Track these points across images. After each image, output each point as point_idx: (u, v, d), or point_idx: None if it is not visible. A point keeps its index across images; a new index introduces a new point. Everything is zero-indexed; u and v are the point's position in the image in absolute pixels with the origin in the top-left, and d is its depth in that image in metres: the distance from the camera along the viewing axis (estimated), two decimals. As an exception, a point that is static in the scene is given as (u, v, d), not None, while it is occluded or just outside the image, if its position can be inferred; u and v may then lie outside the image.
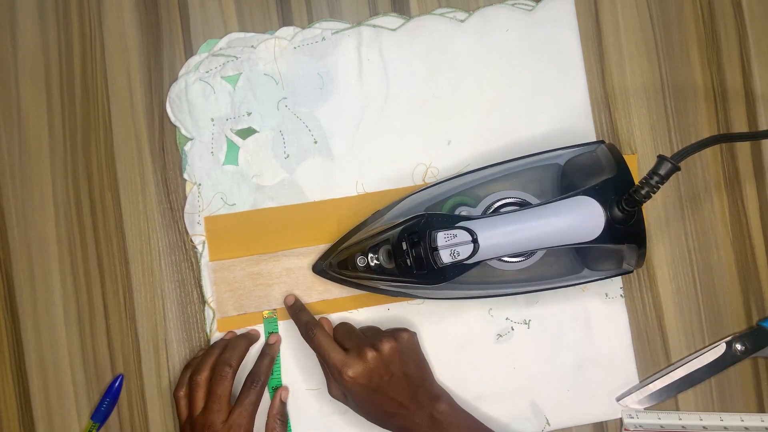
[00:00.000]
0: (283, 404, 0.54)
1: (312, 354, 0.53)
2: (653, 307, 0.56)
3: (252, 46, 0.56)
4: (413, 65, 0.56)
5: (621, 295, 0.55)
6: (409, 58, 0.56)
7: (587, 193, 0.46)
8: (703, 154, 0.56)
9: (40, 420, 0.54)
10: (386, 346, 0.49)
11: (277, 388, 0.54)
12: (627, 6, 0.57)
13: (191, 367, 0.52)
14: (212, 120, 0.55)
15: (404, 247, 0.47)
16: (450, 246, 0.45)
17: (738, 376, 0.55)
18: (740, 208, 0.56)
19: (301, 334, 0.52)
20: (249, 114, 0.55)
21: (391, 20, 0.56)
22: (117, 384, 0.54)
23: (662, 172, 0.42)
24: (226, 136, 0.55)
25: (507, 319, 0.55)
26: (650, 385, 0.55)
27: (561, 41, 0.57)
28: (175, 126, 0.55)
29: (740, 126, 0.57)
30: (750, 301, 0.56)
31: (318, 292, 0.55)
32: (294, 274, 0.55)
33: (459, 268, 0.46)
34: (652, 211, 0.56)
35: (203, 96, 0.55)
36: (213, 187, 0.55)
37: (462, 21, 0.56)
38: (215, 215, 0.55)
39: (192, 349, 0.55)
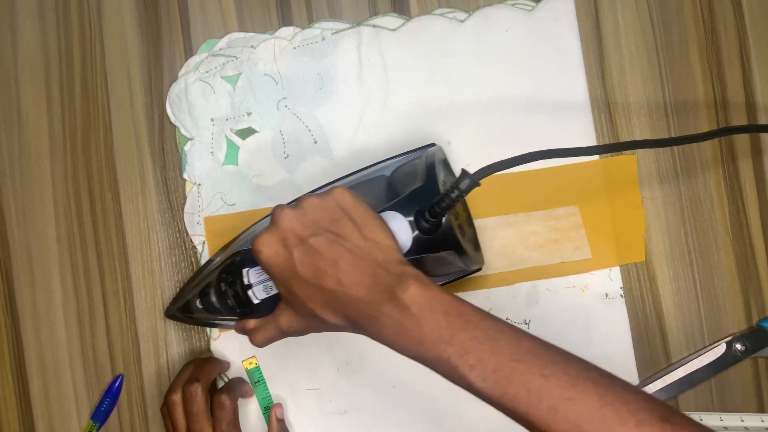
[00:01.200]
0: (281, 422, 0.53)
1: (312, 354, 0.53)
2: (653, 307, 0.56)
3: (252, 46, 0.56)
4: (413, 65, 0.56)
5: (621, 295, 0.55)
6: (409, 58, 0.56)
7: (396, 206, 0.44)
8: (702, 154, 0.56)
9: (39, 420, 0.54)
10: (304, 202, 0.41)
11: (270, 408, 0.54)
12: (627, 6, 0.57)
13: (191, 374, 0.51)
14: (212, 120, 0.55)
15: (223, 288, 0.47)
16: (262, 282, 0.45)
17: (738, 376, 0.55)
18: (740, 208, 0.56)
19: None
20: (249, 114, 0.55)
21: (391, 20, 0.56)
22: (117, 384, 0.54)
23: (463, 186, 0.41)
24: (226, 136, 0.55)
25: (507, 319, 0.55)
26: (650, 385, 0.55)
27: (561, 41, 0.57)
28: (174, 126, 0.55)
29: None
30: (750, 301, 0.56)
31: None
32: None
33: (277, 301, 0.44)
34: (652, 210, 0.56)
35: (203, 96, 0.55)
36: (213, 187, 0.55)
37: (462, 21, 0.56)
38: (215, 215, 0.55)
39: (192, 349, 0.55)
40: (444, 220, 0.44)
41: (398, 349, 0.39)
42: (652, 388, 0.54)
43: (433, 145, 0.51)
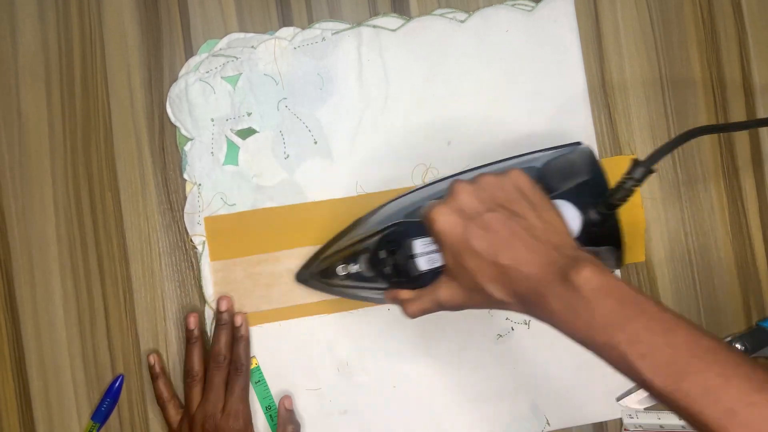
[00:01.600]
0: (290, 411, 0.53)
1: (312, 354, 0.53)
2: (653, 308, 0.56)
3: (252, 47, 0.56)
4: (413, 66, 0.56)
5: (621, 296, 0.55)
6: (409, 58, 0.56)
7: (563, 196, 0.45)
8: (702, 155, 0.57)
9: (40, 420, 0.54)
10: (481, 179, 0.41)
11: (270, 407, 0.54)
12: (627, 6, 0.57)
13: (161, 378, 0.53)
14: (212, 120, 0.55)
15: (382, 255, 0.47)
16: (427, 253, 0.45)
17: (737, 376, 0.55)
18: (740, 209, 0.56)
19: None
20: (249, 114, 0.55)
21: (391, 21, 0.56)
22: (117, 384, 0.54)
23: (636, 175, 0.42)
24: (226, 137, 0.55)
25: (507, 319, 0.56)
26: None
27: (561, 41, 0.57)
28: (175, 126, 0.55)
29: (740, 126, 0.57)
30: (749, 302, 0.56)
31: (319, 294, 0.55)
32: (294, 274, 0.55)
33: (437, 274, 0.45)
34: (652, 210, 0.56)
35: (203, 96, 0.55)
36: (213, 188, 0.55)
37: (462, 21, 0.56)
38: (215, 215, 0.55)
39: (192, 349, 0.55)
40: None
41: (566, 330, 0.38)
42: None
43: (579, 143, 0.51)
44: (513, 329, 0.55)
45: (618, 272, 0.56)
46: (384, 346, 0.55)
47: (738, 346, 0.54)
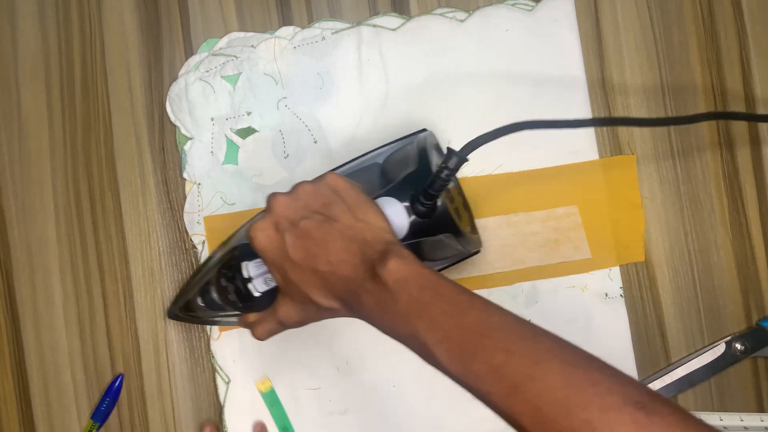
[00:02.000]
0: None
1: (312, 353, 0.53)
2: (653, 307, 0.56)
3: (252, 46, 0.56)
4: (413, 65, 0.56)
5: (621, 295, 0.55)
6: (408, 58, 0.56)
7: (392, 191, 0.45)
8: (702, 154, 0.56)
9: (40, 420, 0.54)
10: (297, 188, 0.41)
11: (288, 429, 0.54)
12: (627, 6, 0.57)
13: None
14: (212, 119, 0.55)
15: (223, 283, 0.46)
16: (261, 275, 0.44)
17: (737, 376, 0.55)
18: (740, 208, 0.56)
19: None
20: (249, 113, 0.55)
21: (391, 20, 0.56)
22: (117, 384, 0.54)
23: (451, 165, 0.41)
24: (226, 136, 0.55)
25: (507, 318, 0.55)
26: (650, 384, 0.55)
27: (561, 41, 0.57)
28: (175, 125, 0.55)
29: (740, 126, 0.57)
30: (750, 301, 0.56)
31: None
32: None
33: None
34: (652, 210, 0.56)
35: (203, 95, 0.55)
36: (213, 187, 0.55)
37: (462, 21, 0.56)
38: (215, 215, 0.55)
39: (192, 349, 0.55)
40: (439, 203, 0.45)
41: (379, 326, 0.38)
42: (652, 387, 0.54)
43: (424, 130, 0.51)
44: (513, 329, 0.55)
45: (617, 270, 0.55)
46: (384, 345, 0.55)
47: (738, 345, 0.54)
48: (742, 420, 0.54)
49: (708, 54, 0.57)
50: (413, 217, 0.44)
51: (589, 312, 0.55)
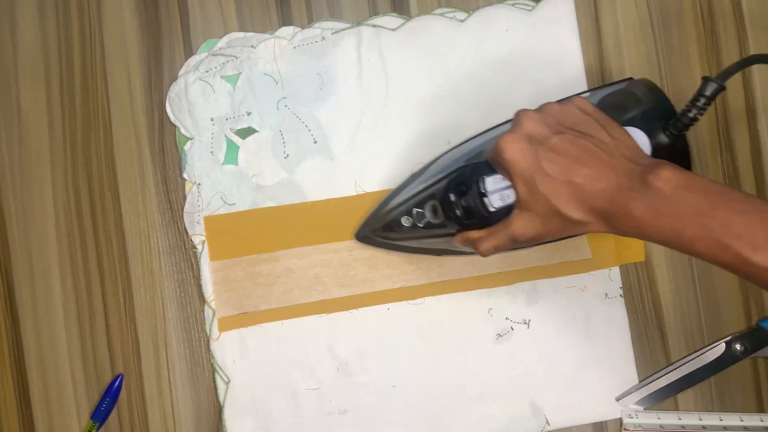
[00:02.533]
0: None
1: (311, 353, 0.53)
2: (653, 307, 0.56)
3: (252, 46, 0.56)
4: (413, 65, 0.56)
5: (620, 295, 0.55)
6: (408, 58, 0.56)
7: (631, 123, 0.45)
8: (702, 154, 0.57)
9: (39, 420, 0.54)
10: (546, 107, 0.43)
11: None
12: (626, 6, 0.57)
13: None
14: (212, 119, 0.55)
15: (452, 198, 0.46)
16: (500, 190, 0.44)
17: (737, 376, 0.55)
18: (740, 208, 0.56)
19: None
20: (249, 114, 0.55)
21: (391, 20, 0.56)
22: (117, 384, 0.54)
23: (708, 92, 0.42)
24: (226, 136, 0.55)
25: (507, 318, 0.55)
26: (650, 384, 0.55)
27: (561, 41, 0.57)
28: (174, 126, 0.55)
29: (740, 126, 0.57)
30: (749, 301, 0.56)
31: (318, 292, 0.55)
32: (294, 273, 0.55)
33: (509, 211, 0.44)
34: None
35: (203, 95, 0.55)
36: (213, 187, 0.55)
37: (462, 21, 0.56)
38: (215, 215, 0.55)
39: (192, 348, 0.55)
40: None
41: (652, 234, 0.38)
42: (652, 387, 0.54)
43: (631, 78, 0.51)
44: (513, 329, 0.55)
45: (617, 270, 0.55)
46: (384, 345, 0.55)
47: (738, 345, 0.54)
48: (742, 420, 0.54)
49: (708, 54, 0.57)
50: (653, 146, 0.44)
51: (589, 312, 0.55)
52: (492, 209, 0.44)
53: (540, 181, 0.40)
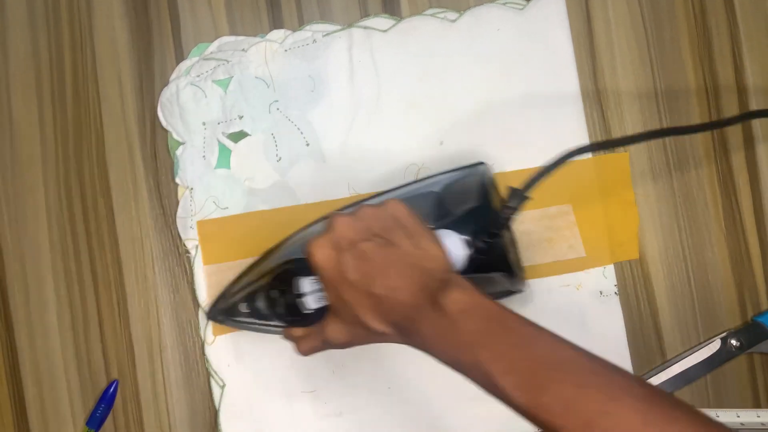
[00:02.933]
0: None
1: (305, 357, 0.53)
2: (648, 305, 0.56)
3: (243, 50, 0.56)
4: (404, 66, 0.56)
5: (615, 293, 0.55)
6: (400, 59, 0.56)
7: (453, 224, 0.45)
8: (695, 150, 0.56)
9: (35, 427, 0.54)
10: (359, 211, 0.42)
11: None
12: (618, 4, 0.57)
13: None
14: (204, 124, 0.55)
15: (273, 295, 0.47)
16: (315, 292, 0.44)
17: (733, 372, 0.55)
18: (734, 204, 0.56)
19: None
20: (240, 117, 0.55)
21: (382, 21, 0.56)
22: (112, 390, 0.54)
23: (513, 204, 0.42)
24: (218, 140, 0.55)
25: (502, 318, 0.55)
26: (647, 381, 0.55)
27: (552, 40, 0.57)
28: (166, 130, 0.55)
29: (734, 128, 0.56)
30: (744, 297, 0.56)
31: None
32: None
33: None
34: (645, 207, 0.56)
35: (194, 100, 0.55)
36: (205, 191, 0.55)
37: (453, 21, 0.56)
38: (208, 219, 0.55)
39: (186, 353, 0.55)
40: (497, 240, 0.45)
41: (436, 354, 0.39)
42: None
43: (481, 164, 0.51)
44: (508, 329, 0.55)
45: (612, 268, 0.55)
46: (379, 346, 0.55)
47: (733, 341, 0.54)
48: (738, 416, 0.54)
49: (700, 49, 0.57)
50: (470, 252, 0.44)
51: (584, 310, 0.55)
52: (307, 311, 0.45)
53: (344, 289, 0.40)
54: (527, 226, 0.55)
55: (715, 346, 0.55)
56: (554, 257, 0.55)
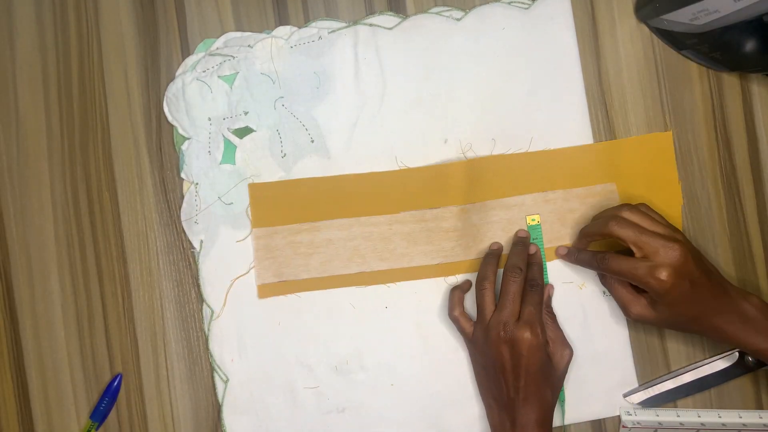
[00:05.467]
0: (550, 298, 0.55)
1: (310, 352, 0.53)
2: (651, 304, 0.56)
3: (249, 46, 0.56)
4: (409, 64, 0.56)
5: (618, 292, 0.55)
6: (405, 56, 0.56)
7: None
8: (699, 152, 0.56)
9: (39, 420, 0.54)
10: (682, 239, 0.48)
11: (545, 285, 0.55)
12: (623, 3, 0.57)
13: (459, 288, 0.54)
14: (209, 119, 0.55)
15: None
16: None
17: (737, 379, 0.55)
18: (737, 206, 0.56)
19: (593, 267, 0.52)
20: (246, 113, 0.56)
21: (388, 19, 0.56)
22: (116, 383, 0.54)
23: None
24: (223, 136, 0.55)
25: (505, 316, 0.55)
26: (658, 385, 0.54)
27: (557, 39, 0.57)
28: (172, 125, 0.56)
29: (737, 123, 0.57)
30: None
31: (356, 264, 0.55)
32: (333, 244, 0.55)
33: None
34: (649, 208, 0.56)
35: (200, 95, 0.55)
36: (210, 186, 0.55)
37: (458, 19, 0.56)
38: (259, 182, 0.55)
39: (190, 348, 0.55)
40: None
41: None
42: (660, 388, 0.54)
43: None
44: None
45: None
46: (382, 344, 0.55)
47: (750, 357, 0.54)
48: (740, 417, 0.54)
49: (705, 50, 0.57)
50: None
51: (587, 309, 0.55)
52: None
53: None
54: (572, 204, 0.55)
55: (732, 358, 0.54)
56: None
